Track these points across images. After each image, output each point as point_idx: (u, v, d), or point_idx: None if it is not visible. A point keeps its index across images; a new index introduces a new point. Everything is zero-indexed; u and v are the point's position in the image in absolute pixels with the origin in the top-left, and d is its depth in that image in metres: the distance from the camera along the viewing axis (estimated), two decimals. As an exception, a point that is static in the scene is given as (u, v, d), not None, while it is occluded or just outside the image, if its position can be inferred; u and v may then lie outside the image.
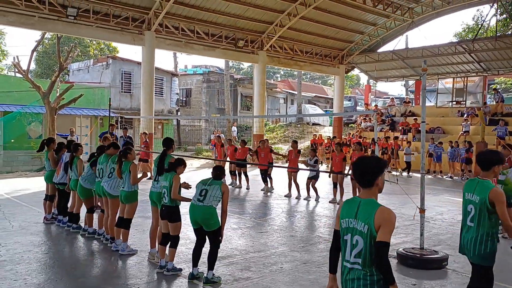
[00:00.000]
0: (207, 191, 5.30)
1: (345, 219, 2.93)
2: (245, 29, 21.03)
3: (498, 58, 22.42)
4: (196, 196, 5.34)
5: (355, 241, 2.84)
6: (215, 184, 5.35)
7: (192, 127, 33.44)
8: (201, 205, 5.26)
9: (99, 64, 27.11)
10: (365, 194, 2.95)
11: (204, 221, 5.26)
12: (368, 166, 2.96)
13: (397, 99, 34.76)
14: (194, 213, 5.31)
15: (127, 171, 6.42)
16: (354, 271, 2.84)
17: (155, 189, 6.07)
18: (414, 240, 7.42)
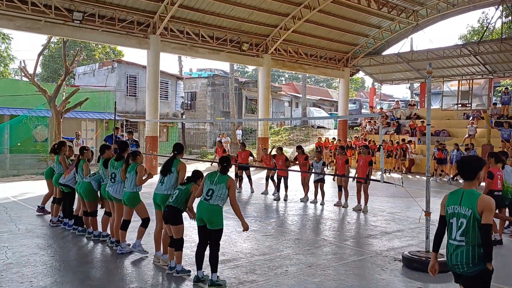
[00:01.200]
0: (213, 191, 5.37)
1: (451, 206, 3.71)
2: (249, 33, 21.08)
3: (504, 60, 22.33)
4: (204, 195, 5.43)
5: (460, 223, 3.59)
6: (222, 182, 5.38)
7: (197, 130, 33.50)
8: (208, 203, 5.34)
9: (104, 68, 27.27)
10: (467, 185, 3.71)
11: (209, 218, 5.29)
12: (471, 164, 3.71)
13: (402, 102, 34.68)
14: (201, 210, 5.36)
15: (134, 171, 6.44)
16: (460, 247, 3.59)
17: (159, 191, 6.08)
18: (419, 244, 7.38)
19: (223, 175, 5.48)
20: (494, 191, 7.53)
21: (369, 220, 9.71)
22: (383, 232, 8.49)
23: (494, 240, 7.62)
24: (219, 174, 5.49)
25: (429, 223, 6.38)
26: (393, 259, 6.63)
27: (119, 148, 7.10)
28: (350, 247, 7.37)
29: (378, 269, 6.16)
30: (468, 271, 3.60)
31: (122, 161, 6.84)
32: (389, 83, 29.22)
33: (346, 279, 5.71)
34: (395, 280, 5.72)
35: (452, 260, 3.65)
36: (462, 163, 3.82)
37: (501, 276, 6.08)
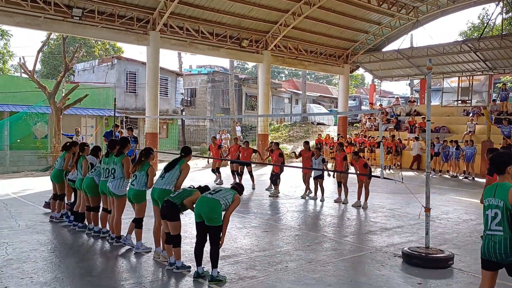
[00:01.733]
0: (221, 190, 5.52)
1: (487, 198, 3.98)
2: (249, 29, 21.03)
3: (504, 57, 22.30)
4: (207, 192, 5.56)
5: (495, 214, 3.87)
6: (233, 191, 5.54)
7: (197, 127, 33.50)
8: (210, 197, 5.35)
9: (104, 64, 27.24)
10: (501, 179, 3.97)
11: (208, 215, 5.24)
12: (502, 159, 4.00)
13: (402, 99, 34.66)
14: (201, 205, 5.32)
15: (145, 172, 6.44)
16: (496, 236, 3.84)
17: (158, 186, 6.11)
18: (419, 240, 7.40)
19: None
20: None
21: (369, 216, 9.73)
22: (383, 228, 8.50)
23: None
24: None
25: (428, 219, 6.38)
26: (393, 255, 6.64)
27: (120, 144, 7.07)
28: (350, 243, 7.38)
29: (378, 265, 6.17)
30: (507, 259, 3.86)
31: (121, 156, 6.86)
32: (389, 79, 29.19)
33: (345, 275, 5.73)
34: (394, 276, 5.73)
35: (489, 249, 3.88)
36: (494, 158, 4.13)
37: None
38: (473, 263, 6.41)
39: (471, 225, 8.81)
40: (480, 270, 4.15)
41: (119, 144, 7.06)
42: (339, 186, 11.37)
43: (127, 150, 7.09)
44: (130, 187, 6.57)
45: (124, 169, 6.77)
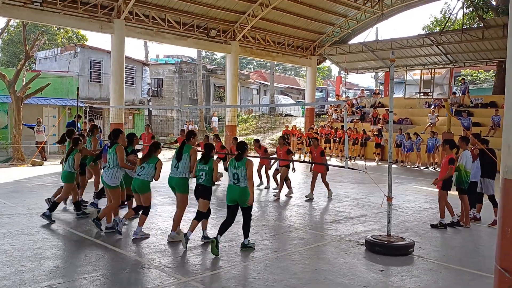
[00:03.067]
0: (238, 175, 6.14)
1: None
2: (217, 19, 20.87)
3: (465, 50, 23.06)
4: (231, 179, 6.22)
5: None
6: (241, 166, 6.15)
7: (164, 117, 33.08)
8: (237, 187, 6.14)
9: (67, 52, 26.41)
10: None
11: (240, 199, 6.16)
12: None
13: (367, 91, 35.34)
14: (232, 192, 6.19)
15: (153, 165, 6.70)
16: None
17: (175, 175, 6.61)
18: (382, 228, 7.61)
19: (242, 159, 6.19)
20: (451, 176, 7.88)
21: (334, 206, 9.92)
22: (347, 217, 8.70)
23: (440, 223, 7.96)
24: (236, 161, 6.21)
25: (390, 208, 6.57)
26: (356, 243, 6.81)
27: (113, 135, 7.18)
28: (315, 233, 7.51)
29: (342, 253, 6.32)
30: None
31: (115, 146, 7.00)
32: (354, 72, 29.68)
33: (311, 263, 5.84)
34: (358, 264, 5.88)
35: None
36: None
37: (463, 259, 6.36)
38: (433, 250, 6.67)
39: (431, 213, 9.13)
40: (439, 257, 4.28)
41: (112, 136, 7.20)
42: (313, 181, 10.77)
43: (121, 141, 7.21)
44: (135, 177, 6.80)
45: (118, 157, 6.90)
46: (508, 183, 2.83)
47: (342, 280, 5.23)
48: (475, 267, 5.82)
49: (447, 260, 6.14)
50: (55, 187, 11.39)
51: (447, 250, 6.74)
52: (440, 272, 5.67)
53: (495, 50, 21.92)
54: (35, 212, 8.36)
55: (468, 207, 8.20)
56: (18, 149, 16.83)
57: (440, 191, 7.99)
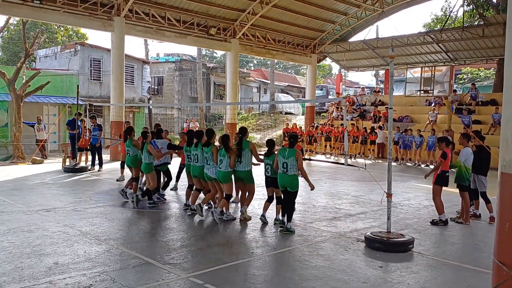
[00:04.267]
0: (287, 164, 6.97)
1: None
2: (217, 17, 20.85)
3: (465, 48, 23.03)
4: (281, 167, 7.06)
5: None
6: (291, 156, 6.96)
7: (164, 115, 33.08)
8: (287, 175, 7.00)
9: (67, 50, 26.39)
10: None
11: (290, 185, 7.05)
12: None
13: (368, 89, 35.30)
14: (283, 180, 7.08)
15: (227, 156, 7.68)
16: None
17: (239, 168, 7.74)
18: (381, 225, 7.61)
19: (291, 149, 7.02)
20: (446, 172, 7.90)
21: (334, 203, 9.92)
22: (347, 215, 8.70)
23: (440, 220, 7.96)
24: (288, 149, 7.02)
25: (390, 205, 6.57)
26: (356, 240, 6.82)
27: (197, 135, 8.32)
28: (315, 229, 7.52)
29: (342, 250, 6.33)
30: None
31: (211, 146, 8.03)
32: (355, 69, 29.63)
33: (310, 260, 5.84)
34: (357, 260, 5.89)
35: None
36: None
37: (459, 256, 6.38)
38: (432, 246, 6.67)
39: (431, 210, 9.12)
40: (439, 253, 4.28)
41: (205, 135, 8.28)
42: None
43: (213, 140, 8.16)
44: (218, 170, 7.71)
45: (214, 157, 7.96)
46: (506, 177, 2.84)
47: (342, 276, 5.23)
48: (474, 263, 5.83)
49: (446, 257, 6.14)
50: (55, 185, 11.46)
51: (447, 246, 6.75)
52: (439, 268, 5.68)
53: (496, 48, 21.88)
54: (35, 209, 8.38)
55: (469, 204, 8.21)
56: (18, 147, 16.83)
57: (434, 186, 8.01)
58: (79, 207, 8.76)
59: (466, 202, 8.14)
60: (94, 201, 9.38)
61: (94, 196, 9.94)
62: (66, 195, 10.03)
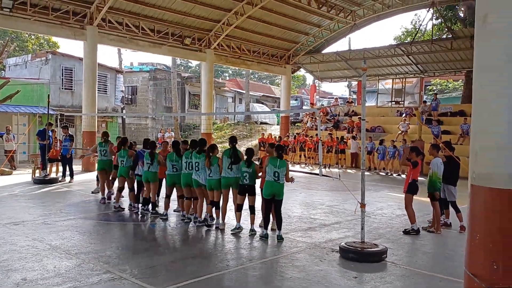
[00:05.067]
0: (279, 174, 7.26)
1: None
2: (192, 27, 20.84)
3: (434, 60, 23.70)
4: (271, 176, 7.27)
5: None
6: (283, 166, 7.31)
7: (138, 125, 32.69)
8: (278, 183, 7.29)
9: (37, 59, 25.80)
10: None
11: (278, 193, 7.35)
12: None
13: (341, 99, 35.86)
14: (273, 188, 7.31)
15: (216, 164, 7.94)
16: None
17: (227, 174, 7.78)
18: (355, 235, 7.68)
19: (282, 160, 7.36)
20: (416, 181, 8.08)
21: (309, 213, 9.96)
22: (322, 225, 8.75)
23: (412, 230, 8.11)
24: (279, 160, 7.31)
25: (364, 215, 6.65)
26: (330, 250, 6.85)
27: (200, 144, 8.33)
28: (290, 240, 7.52)
29: (317, 260, 6.35)
30: None
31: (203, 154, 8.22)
32: (328, 80, 30.07)
33: (285, 271, 5.83)
34: (332, 271, 5.91)
35: None
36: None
37: (431, 265, 6.48)
38: (405, 256, 6.77)
39: (403, 219, 9.27)
40: (412, 263, 4.34)
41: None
42: None
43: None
44: (208, 178, 7.90)
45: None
46: (476, 189, 2.91)
47: (317, 288, 5.24)
48: (446, 273, 5.94)
49: (419, 266, 6.24)
50: (25, 197, 11.14)
51: (419, 256, 6.86)
52: (412, 278, 5.76)
53: (463, 60, 22.61)
54: (3, 223, 8.11)
55: (439, 213, 8.38)
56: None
57: (406, 195, 8.17)
58: (49, 220, 8.52)
59: (437, 211, 8.31)
60: (64, 214, 9.15)
61: (64, 209, 9.69)
62: (35, 208, 9.74)
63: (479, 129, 2.95)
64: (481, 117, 2.93)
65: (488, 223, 2.77)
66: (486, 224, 2.77)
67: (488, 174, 2.81)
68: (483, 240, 2.77)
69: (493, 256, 2.71)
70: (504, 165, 2.77)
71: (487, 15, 2.94)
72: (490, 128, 2.86)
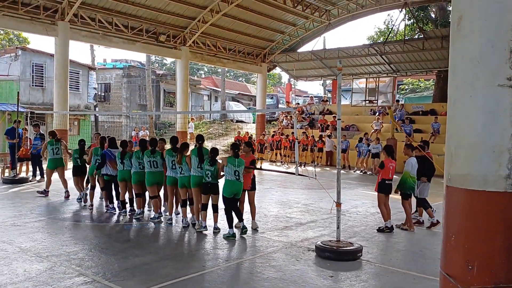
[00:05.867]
0: (239, 172, 7.37)
1: None
2: (166, 24, 20.58)
3: (406, 60, 24.12)
4: (232, 175, 7.35)
5: None
6: (242, 165, 7.44)
7: (112, 123, 32.13)
8: (239, 182, 7.43)
9: (7, 55, 25.03)
10: None
11: (239, 191, 7.52)
12: None
13: (316, 98, 36.13)
14: (234, 187, 7.41)
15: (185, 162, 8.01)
16: None
17: (196, 173, 7.72)
18: (331, 233, 7.75)
19: (240, 158, 7.46)
20: (385, 180, 8.22)
21: (285, 212, 9.99)
22: (298, 223, 8.78)
23: (386, 227, 8.24)
24: (238, 159, 7.40)
25: (339, 213, 6.70)
26: (307, 250, 6.88)
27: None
28: (266, 239, 7.52)
29: (293, 260, 6.36)
30: None
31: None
32: (304, 79, 30.24)
33: (262, 271, 5.82)
34: (308, 270, 5.94)
35: None
36: None
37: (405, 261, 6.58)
38: (380, 254, 6.86)
39: (377, 217, 9.40)
40: (386, 261, 4.37)
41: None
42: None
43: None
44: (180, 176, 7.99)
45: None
46: (451, 191, 2.95)
47: None
48: (419, 270, 6.04)
49: (393, 264, 6.33)
50: (-8, 197, 10.75)
51: (393, 253, 6.96)
52: (387, 276, 5.84)
53: (435, 60, 23.10)
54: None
55: (409, 211, 8.54)
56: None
57: (378, 194, 8.31)
58: (19, 221, 8.26)
59: (407, 209, 8.48)
60: (35, 215, 8.89)
61: (35, 209, 9.43)
62: (4, 208, 9.43)
63: (454, 130, 2.99)
64: (456, 118, 2.98)
65: (463, 224, 2.81)
66: (462, 225, 2.81)
67: (463, 176, 2.85)
68: (458, 241, 2.81)
69: (468, 256, 2.75)
70: (479, 166, 2.82)
71: (462, 17, 2.99)
72: (465, 129, 2.91)
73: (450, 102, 3.08)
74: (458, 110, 2.97)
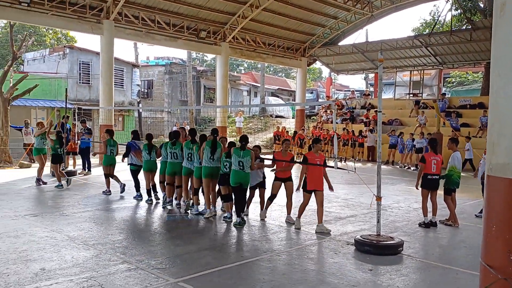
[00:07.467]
0: (243, 163, 7.59)
1: None
2: (207, 20, 20.83)
3: (453, 52, 23.26)
4: (236, 165, 7.62)
5: None
6: (247, 156, 7.62)
7: (154, 119, 32.94)
8: (243, 172, 7.62)
9: (55, 54, 26.17)
10: None
11: (245, 182, 7.71)
12: None
13: (358, 92, 35.49)
14: (238, 176, 7.63)
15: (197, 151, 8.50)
16: None
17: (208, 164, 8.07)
18: (371, 228, 7.63)
19: (245, 150, 7.63)
20: (428, 175, 7.98)
21: (324, 206, 9.88)
22: (337, 218, 8.71)
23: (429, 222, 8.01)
24: (243, 151, 7.60)
25: (379, 208, 6.59)
26: (346, 243, 6.82)
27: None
28: (305, 233, 7.51)
29: (331, 253, 6.32)
30: None
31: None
32: (345, 73, 29.78)
33: (300, 263, 5.83)
34: (347, 263, 5.89)
35: None
36: None
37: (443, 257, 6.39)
38: (421, 249, 6.70)
39: (420, 213, 9.15)
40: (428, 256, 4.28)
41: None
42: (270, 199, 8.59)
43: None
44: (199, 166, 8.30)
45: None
46: (493, 180, 2.85)
47: (331, 280, 5.22)
48: (462, 265, 5.86)
49: (435, 259, 6.17)
50: (43, 189, 11.31)
51: (436, 249, 6.78)
52: (429, 270, 5.70)
53: (483, 52, 22.14)
54: (22, 214, 8.27)
55: (453, 207, 8.27)
56: (5, 151, 16.62)
57: (421, 190, 8.13)
58: (67, 211, 8.66)
59: (449, 205, 8.22)
60: (82, 206, 9.29)
61: (82, 201, 9.85)
62: (54, 200, 9.92)
63: (496, 119, 2.88)
64: (499, 106, 2.87)
65: (505, 214, 2.71)
66: (503, 214, 2.72)
67: (505, 165, 2.74)
68: (499, 231, 2.72)
69: (509, 247, 2.65)
70: (522, 155, 2.70)
71: (505, 2, 2.86)
72: (507, 118, 2.79)
73: (492, 90, 2.97)
74: (501, 98, 2.85)
